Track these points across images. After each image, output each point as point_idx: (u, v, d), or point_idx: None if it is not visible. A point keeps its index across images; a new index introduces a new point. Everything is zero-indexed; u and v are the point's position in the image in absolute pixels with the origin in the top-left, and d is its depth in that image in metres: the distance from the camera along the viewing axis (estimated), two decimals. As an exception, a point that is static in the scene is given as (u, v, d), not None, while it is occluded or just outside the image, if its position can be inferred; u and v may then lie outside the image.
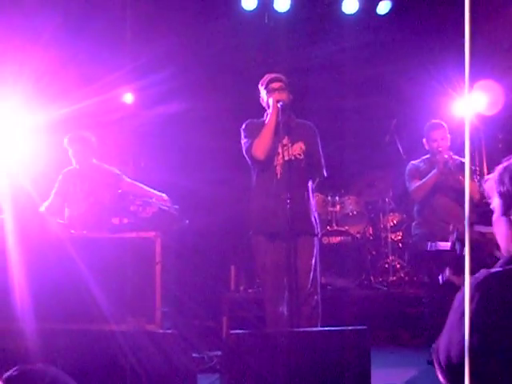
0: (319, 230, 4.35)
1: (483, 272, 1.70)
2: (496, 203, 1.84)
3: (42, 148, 5.28)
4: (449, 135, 5.05)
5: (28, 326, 3.51)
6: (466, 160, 1.59)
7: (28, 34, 5.44)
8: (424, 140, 5.15)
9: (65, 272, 3.71)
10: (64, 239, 3.90)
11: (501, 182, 1.81)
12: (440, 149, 4.98)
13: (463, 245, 1.88)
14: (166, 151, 6.56)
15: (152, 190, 4.86)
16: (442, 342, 1.72)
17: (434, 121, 5.19)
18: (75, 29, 5.96)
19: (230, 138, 4.82)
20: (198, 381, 3.94)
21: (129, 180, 5.00)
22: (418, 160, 5.25)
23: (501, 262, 1.76)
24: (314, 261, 4.15)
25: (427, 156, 5.20)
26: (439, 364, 1.74)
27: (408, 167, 5.27)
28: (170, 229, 4.20)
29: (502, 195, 1.80)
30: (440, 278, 1.78)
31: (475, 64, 1.47)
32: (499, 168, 1.84)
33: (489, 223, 1.93)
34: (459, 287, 2.00)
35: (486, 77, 6.11)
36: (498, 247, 1.90)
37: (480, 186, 5.42)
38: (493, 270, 1.72)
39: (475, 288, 1.65)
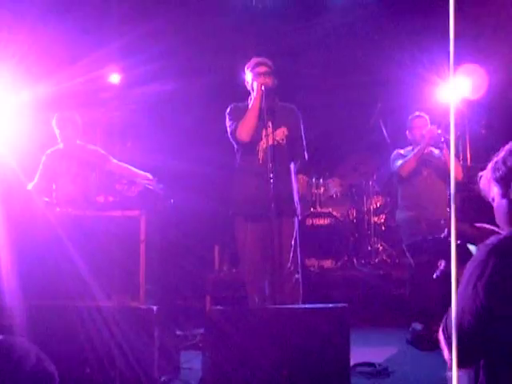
0: (300, 211, 4.43)
1: (494, 238, 1.76)
2: (494, 192, 1.89)
3: (28, 127, 5.28)
4: (430, 126, 5.18)
5: (14, 302, 3.54)
6: (452, 144, 1.64)
7: (14, 12, 5.41)
8: (407, 132, 5.31)
9: (51, 249, 3.74)
10: (50, 217, 3.92)
11: (495, 169, 1.87)
12: (423, 132, 5.10)
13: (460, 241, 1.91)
14: (151, 131, 6.58)
15: (138, 170, 4.89)
16: (451, 315, 1.76)
17: (415, 113, 5.34)
18: (61, 8, 5.93)
19: (215, 119, 4.84)
20: (180, 357, 4.02)
21: (115, 161, 5.02)
22: (404, 150, 5.35)
23: (506, 232, 1.82)
24: (293, 240, 4.22)
25: (410, 147, 5.30)
26: (447, 337, 1.77)
27: (393, 154, 5.37)
28: (155, 208, 4.23)
29: (498, 181, 1.86)
30: (436, 273, 1.82)
31: (460, 48, 1.51)
32: (491, 162, 1.90)
33: (472, 207, 1.98)
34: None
35: (470, 61, 6.17)
36: None
37: (463, 168, 5.53)
38: (502, 235, 1.77)
39: (489, 253, 1.70)
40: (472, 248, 1.96)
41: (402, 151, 5.34)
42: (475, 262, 1.75)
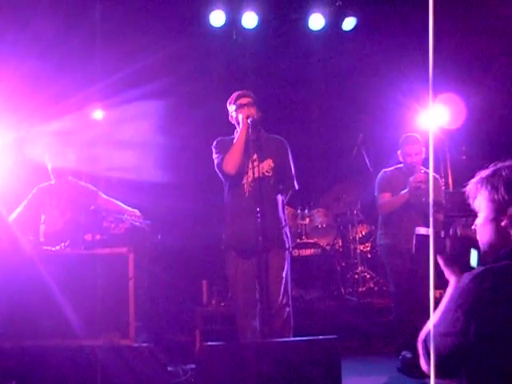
0: (290, 243, 4.40)
1: (478, 268, 1.80)
2: (482, 207, 1.92)
3: (11, 165, 5.29)
4: (424, 149, 5.04)
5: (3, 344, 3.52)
6: (430, 169, 1.69)
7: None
8: (399, 152, 5.15)
9: (37, 288, 3.72)
10: (35, 256, 3.91)
11: (494, 188, 1.88)
12: (414, 163, 4.99)
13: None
14: (137, 168, 6.60)
15: (125, 206, 4.91)
16: (434, 331, 1.80)
17: (409, 134, 5.16)
18: (46, 47, 5.99)
19: (202, 156, 4.88)
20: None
21: (105, 196, 5.05)
22: (391, 168, 5.25)
23: (492, 260, 1.86)
24: (284, 274, 4.21)
25: (401, 165, 5.19)
26: (426, 351, 1.82)
27: (379, 175, 5.25)
28: (143, 244, 4.25)
29: (494, 201, 1.88)
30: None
31: (438, 77, 1.56)
32: (489, 171, 1.92)
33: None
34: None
35: (448, 90, 6.29)
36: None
37: (446, 194, 5.54)
38: (487, 266, 1.81)
39: (470, 281, 1.75)
40: (474, 254, 1.98)
41: (388, 170, 5.23)
42: (458, 289, 1.79)
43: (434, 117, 6.31)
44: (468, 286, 1.76)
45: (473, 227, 1.95)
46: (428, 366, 1.83)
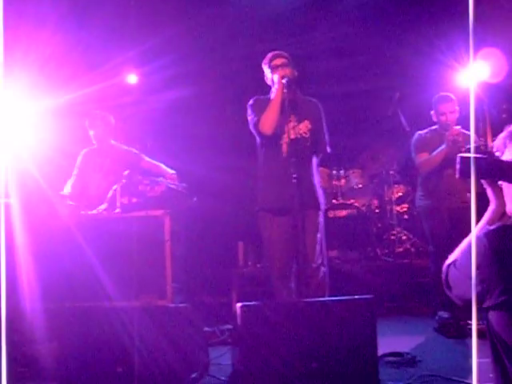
0: (324, 204, 4.41)
1: (498, 224, 1.77)
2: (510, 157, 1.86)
3: (48, 133, 5.35)
4: (457, 107, 5.02)
5: (37, 306, 3.60)
6: (472, 130, 1.65)
7: (33, 20, 5.48)
8: (432, 112, 5.13)
9: (75, 253, 3.78)
10: (73, 221, 3.97)
11: None
12: (448, 122, 4.96)
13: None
14: (171, 135, 6.64)
15: (166, 168, 4.99)
16: (451, 274, 1.78)
17: (442, 93, 5.14)
18: (80, 15, 6.00)
19: (234, 123, 4.87)
20: (209, 353, 4.06)
21: (147, 159, 5.10)
22: (425, 130, 5.21)
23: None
24: (319, 234, 4.22)
25: (435, 127, 5.16)
26: (447, 284, 1.82)
27: (415, 137, 5.23)
28: (179, 207, 4.27)
29: None
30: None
31: (478, 33, 1.50)
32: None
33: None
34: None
35: (488, 45, 6.11)
36: None
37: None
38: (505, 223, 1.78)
39: (484, 237, 1.71)
40: None
41: (423, 132, 5.20)
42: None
43: (474, 74, 6.14)
44: (483, 242, 1.72)
45: (499, 183, 1.89)
46: (449, 292, 1.86)
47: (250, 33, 7.17)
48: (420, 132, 5.23)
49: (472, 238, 1.60)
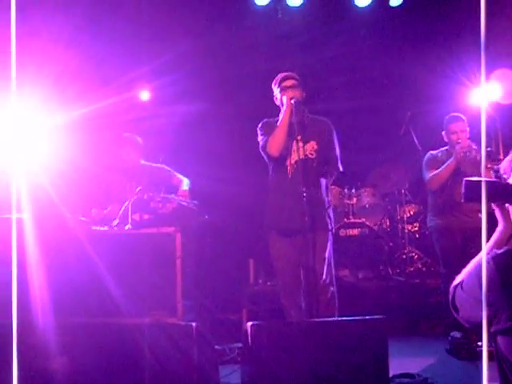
0: (333, 225, 4.42)
1: (505, 248, 1.75)
2: None
3: (61, 147, 5.37)
4: (468, 128, 5.03)
5: (48, 321, 3.59)
6: (482, 148, 1.63)
7: (47, 34, 5.53)
8: (443, 133, 5.15)
9: (86, 268, 3.78)
10: (84, 236, 3.97)
11: None
12: (459, 140, 4.95)
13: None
14: (183, 150, 6.64)
15: (187, 183, 5.02)
16: (458, 296, 1.76)
17: (453, 114, 5.17)
18: (93, 29, 6.05)
19: (246, 137, 4.89)
20: (219, 372, 4.04)
21: (178, 175, 5.10)
22: (437, 151, 5.22)
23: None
24: (327, 254, 4.22)
25: (446, 148, 5.17)
26: (453, 305, 1.80)
27: (426, 157, 5.24)
28: (190, 224, 4.28)
29: None
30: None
31: (491, 53, 1.49)
32: None
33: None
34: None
35: (501, 66, 6.10)
36: None
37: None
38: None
39: (491, 260, 1.69)
40: None
41: (434, 152, 5.21)
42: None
43: (486, 93, 6.14)
44: (490, 267, 1.70)
45: (506, 205, 1.88)
46: (456, 314, 1.87)
47: (263, 49, 7.20)
48: (432, 152, 5.25)
49: (483, 260, 1.58)
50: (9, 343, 1.85)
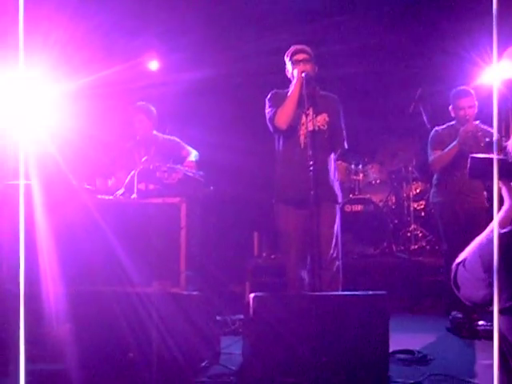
0: (341, 198, 4.41)
1: (509, 227, 1.73)
2: None
3: (68, 115, 5.36)
4: (476, 102, 4.90)
5: (55, 288, 3.62)
6: (495, 129, 1.61)
7: (53, 3, 5.49)
8: (450, 107, 5.02)
9: (92, 236, 3.79)
10: (91, 204, 3.99)
11: None
12: (467, 117, 4.83)
13: None
14: (190, 119, 6.62)
15: (196, 154, 5.02)
16: (460, 274, 1.76)
17: (460, 87, 5.04)
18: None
19: (254, 107, 4.85)
20: (220, 343, 4.07)
21: (187, 147, 5.10)
22: (443, 126, 5.11)
23: None
24: (336, 227, 4.22)
25: (453, 122, 5.05)
26: (455, 283, 1.80)
27: (431, 134, 5.12)
28: (195, 195, 4.27)
29: None
30: None
31: (504, 31, 1.47)
32: None
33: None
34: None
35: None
36: None
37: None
38: None
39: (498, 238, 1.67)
40: None
41: (440, 128, 5.09)
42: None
43: (499, 71, 6.06)
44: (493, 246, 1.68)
45: None
46: (457, 291, 1.87)
47: (272, 15, 7.12)
48: (437, 128, 5.14)
49: (494, 236, 1.56)
50: (17, 309, 1.86)
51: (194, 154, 5.03)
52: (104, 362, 3.49)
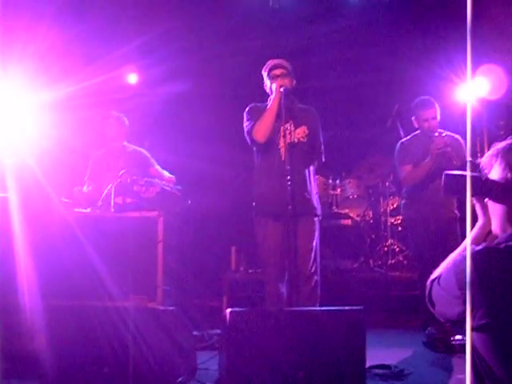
0: (320, 211, 4.40)
1: (483, 245, 1.73)
2: (496, 177, 1.81)
3: (46, 126, 5.33)
4: (439, 109, 4.87)
5: (32, 302, 3.58)
6: (468, 145, 1.62)
7: (31, 13, 5.46)
8: (413, 118, 5.00)
9: (69, 250, 3.77)
10: (67, 218, 3.96)
11: (508, 165, 1.76)
12: (431, 128, 4.80)
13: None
14: (169, 131, 6.62)
15: (167, 175, 4.97)
16: (435, 291, 1.77)
17: (423, 97, 4.98)
18: (78, 8, 5.99)
19: (233, 119, 4.86)
20: (197, 358, 4.04)
21: (157, 167, 5.08)
22: (408, 137, 5.09)
23: (499, 239, 1.78)
24: (315, 242, 4.22)
25: (417, 132, 5.01)
26: (430, 300, 1.81)
27: (397, 147, 5.05)
28: (173, 209, 4.27)
29: (506, 179, 1.76)
30: None
31: (478, 48, 1.49)
32: (505, 144, 1.80)
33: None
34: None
35: (488, 61, 6.11)
36: None
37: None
38: (492, 245, 1.74)
39: (471, 258, 1.67)
40: None
41: (405, 140, 5.04)
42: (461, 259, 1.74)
43: (473, 89, 6.14)
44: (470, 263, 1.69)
45: (485, 200, 1.87)
46: (432, 308, 1.84)
47: (250, 27, 7.15)
48: (403, 141, 5.10)
49: (467, 255, 1.57)
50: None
51: (167, 174, 5.01)
52: (80, 377, 3.44)
